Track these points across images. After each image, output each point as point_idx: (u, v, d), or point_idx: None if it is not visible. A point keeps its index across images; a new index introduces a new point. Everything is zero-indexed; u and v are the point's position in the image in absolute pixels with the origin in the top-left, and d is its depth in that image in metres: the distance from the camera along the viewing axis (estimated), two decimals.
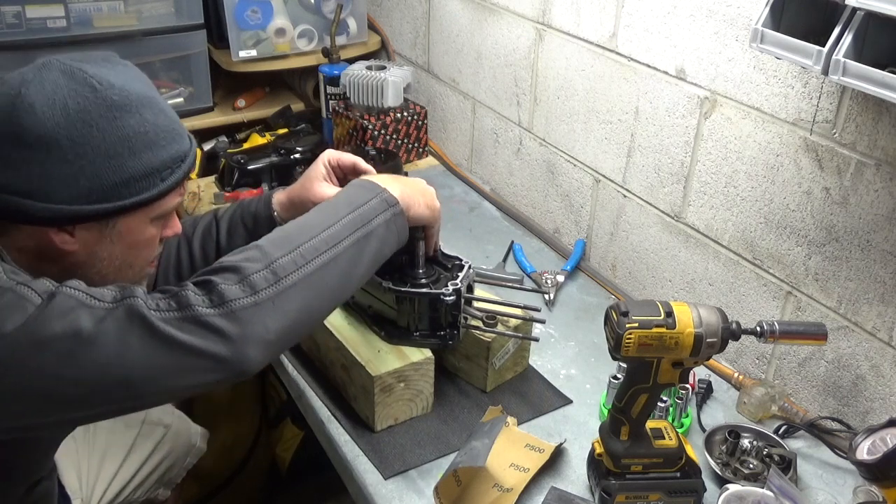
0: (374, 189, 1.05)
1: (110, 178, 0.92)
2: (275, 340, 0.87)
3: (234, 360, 0.83)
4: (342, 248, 0.96)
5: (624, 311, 0.99)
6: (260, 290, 0.86)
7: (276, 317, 0.87)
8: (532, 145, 1.81)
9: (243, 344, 0.84)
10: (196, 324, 0.82)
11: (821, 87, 1.15)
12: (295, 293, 0.89)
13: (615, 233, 1.62)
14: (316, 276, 0.92)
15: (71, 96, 0.90)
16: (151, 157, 0.95)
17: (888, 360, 1.16)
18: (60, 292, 0.82)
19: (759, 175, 1.28)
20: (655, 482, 1.07)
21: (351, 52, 2.25)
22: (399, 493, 1.12)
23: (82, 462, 1.46)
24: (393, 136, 2.06)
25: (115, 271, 1.01)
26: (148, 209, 0.98)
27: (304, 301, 0.90)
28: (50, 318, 0.80)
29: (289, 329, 0.89)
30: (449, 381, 1.33)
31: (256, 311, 0.85)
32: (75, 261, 0.97)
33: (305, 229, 0.95)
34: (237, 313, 0.84)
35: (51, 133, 0.89)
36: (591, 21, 1.54)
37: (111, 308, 0.82)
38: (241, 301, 0.84)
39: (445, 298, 1.19)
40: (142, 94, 0.95)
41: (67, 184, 0.90)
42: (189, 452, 1.65)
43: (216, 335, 0.82)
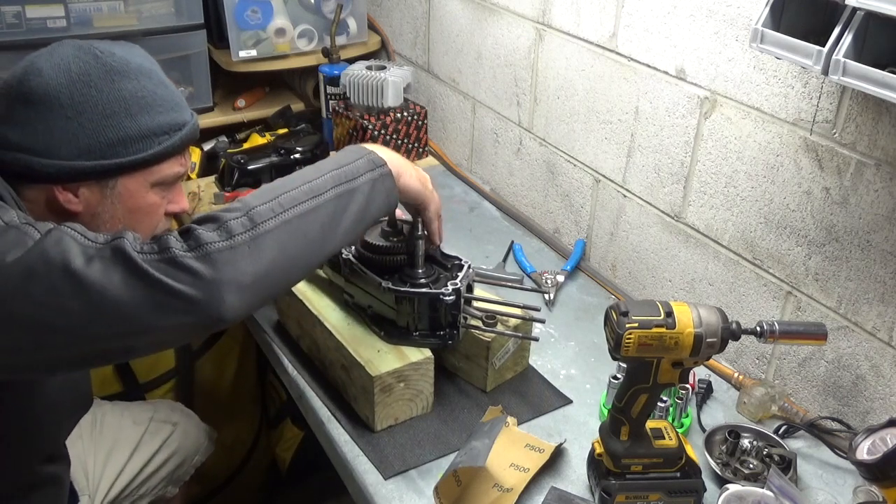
0: (361, 151, 1.05)
1: (108, 135, 1.00)
2: (250, 284, 0.87)
3: (208, 301, 0.84)
4: (323, 200, 0.96)
5: (624, 311, 0.99)
6: (236, 235, 0.87)
7: (251, 260, 0.87)
8: (532, 145, 1.81)
9: (217, 286, 0.84)
10: (172, 264, 0.83)
11: (821, 87, 1.15)
12: (271, 238, 0.89)
13: (615, 233, 1.62)
14: (294, 223, 0.92)
15: (74, 62, 0.99)
16: (148, 120, 1.02)
17: (888, 360, 1.16)
18: (57, 229, 0.86)
19: (759, 175, 1.28)
20: (655, 482, 1.07)
21: (351, 52, 2.25)
22: (399, 493, 1.12)
23: (88, 457, 1.47)
24: (393, 136, 2.06)
25: None
26: (146, 172, 1.04)
27: (281, 247, 0.91)
28: (43, 250, 0.83)
29: (264, 274, 0.89)
30: (449, 381, 1.33)
31: (231, 253, 0.86)
32: (80, 221, 1.00)
33: (288, 182, 0.96)
34: (212, 255, 0.84)
35: (53, 92, 0.98)
36: (591, 21, 1.54)
37: (100, 247, 0.84)
38: (217, 244, 0.85)
39: (445, 298, 1.19)
40: (142, 66, 1.04)
41: (68, 140, 0.98)
42: (197, 451, 1.66)
43: (190, 275, 0.83)
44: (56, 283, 0.81)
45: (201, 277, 0.84)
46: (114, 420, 1.55)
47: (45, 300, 0.82)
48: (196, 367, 1.94)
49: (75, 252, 0.83)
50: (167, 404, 1.68)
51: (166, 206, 1.11)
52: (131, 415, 1.58)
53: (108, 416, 1.55)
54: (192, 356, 1.92)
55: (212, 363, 1.97)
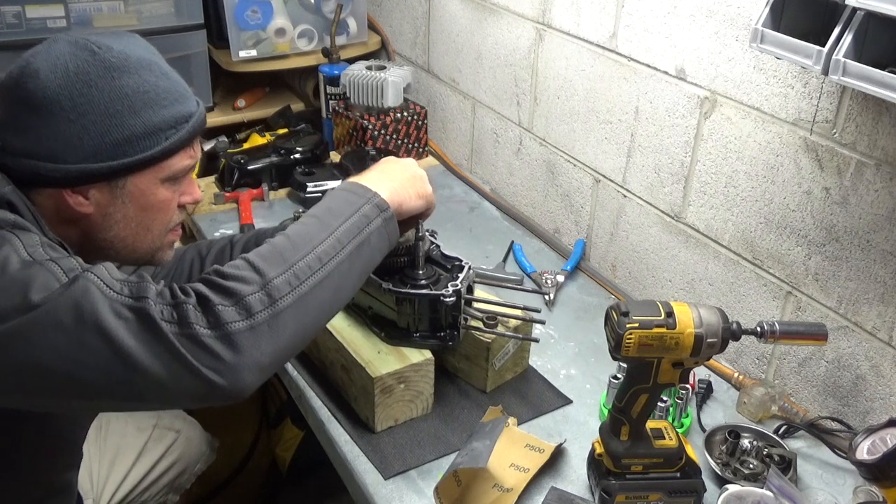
0: (364, 194, 1.03)
1: (113, 135, 0.96)
2: (269, 364, 0.86)
3: (228, 384, 0.83)
4: (336, 263, 0.94)
5: (624, 312, 0.99)
6: (256, 314, 0.85)
7: (271, 340, 0.86)
8: (532, 145, 1.81)
9: (238, 369, 0.83)
10: (194, 342, 0.82)
11: (821, 87, 1.15)
12: (289, 315, 0.88)
13: (615, 233, 1.62)
14: (310, 295, 0.91)
15: (71, 60, 0.95)
16: (153, 116, 0.98)
17: (888, 360, 1.16)
18: (83, 276, 0.84)
19: (759, 175, 1.28)
20: (655, 482, 1.07)
21: (351, 52, 2.25)
22: (399, 493, 1.12)
23: (93, 462, 1.47)
24: (393, 136, 2.06)
25: (133, 235, 1.04)
26: (155, 169, 1.01)
27: (299, 322, 0.89)
28: (73, 302, 0.82)
29: (283, 351, 0.88)
30: (449, 382, 1.33)
31: (252, 334, 0.84)
32: (92, 223, 1.01)
33: (299, 243, 0.93)
34: (233, 337, 0.83)
35: (53, 95, 0.94)
36: (591, 21, 1.54)
37: (126, 302, 0.83)
38: (238, 325, 0.84)
39: (445, 299, 1.19)
40: (142, 58, 0.99)
41: (73, 143, 0.95)
42: (199, 459, 1.66)
43: (211, 357, 0.82)
44: (84, 338, 0.80)
45: (223, 360, 0.82)
46: (118, 426, 1.55)
47: (69, 352, 0.81)
48: None
49: (103, 306, 0.82)
50: (170, 412, 1.68)
51: (178, 198, 1.08)
52: (135, 422, 1.58)
53: (112, 422, 1.55)
54: None
55: None
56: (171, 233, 1.10)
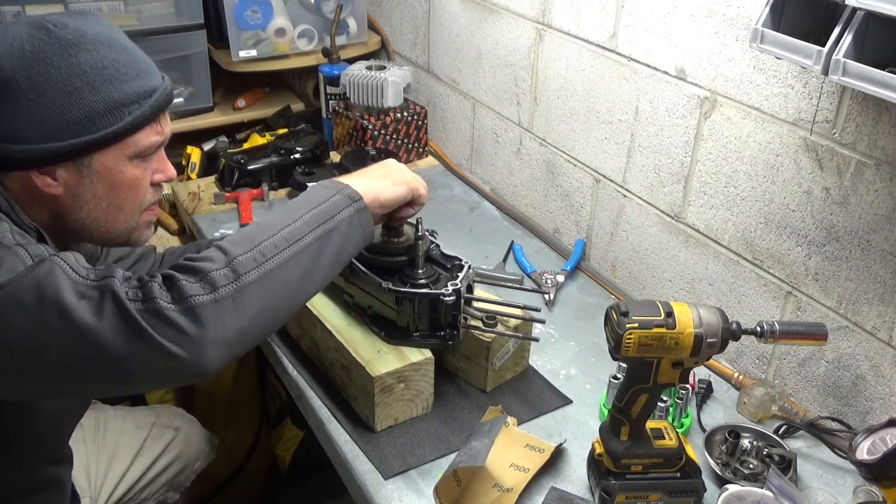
0: (335, 186, 1.04)
1: (74, 113, 0.95)
2: (235, 340, 0.86)
3: (192, 358, 0.83)
4: (303, 245, 0.95)
5: (624, 311, 0.99)
6: (219, 287, 0.85)
7: (236, 314, 0.86)
8: (532, 145, 1.81)
9: (202, 343, 0.83)
10: (157, 316, 0.82)
11: (821, 87, 1.15)
12: (254, 291, 0.88)
13: (615, 233, 1.62)
14: (276, 273, 0.91)
15: (27, 40, 0.94)
16: (113, 91, 0.97)
17: (888, 360, 1.16)
18: (49, 259, 0.85)
19: (759, 175, 1.28)
20: (655, 482, 1.07)
21: (351, 52, 2.25)
22: (399, 493, 1.12)
23: (91, 460, 1.47)
24: (393, 136, 2.06)
25: (104, 215, 1.04)
26: (121, 146, 1.00)
27: (265, 299, 0.90)
28: (34, 282, 0.82)
29: (249, 328, 0.88)
30: (449, 382, 1.33)
31: (216, 308, 0.84)
32: (62, 204, 1.01)
33: (266, 228, 0.94)
34: (196, 310, 0.83)
35: (10, 76, 0.93)
36: (591, 21, 1.54)
37: (91, 284, 0.83)
38: (201, 298, 0.84)
39: (445, 299, 1.19)
40: (100, 34, 0.99)
41: (34, 123, 0.95)
42: (199, 457, 1.66)
43: (175, 331, 0.82)
44: (45, 318, 0.81)
45: (186, 334, 0.82)
46: (116, 424, 1.55)
47: (32, 332, 0.81)
48: None
49: (66, 287, 0.82)
50: (170, 409, 1.68)
51: (151, 176, 1.07)
52: (134, 419, 1.58)
53: (111, 420, 1.55)
54: None
55: None
56: (146, 212, 1.09)
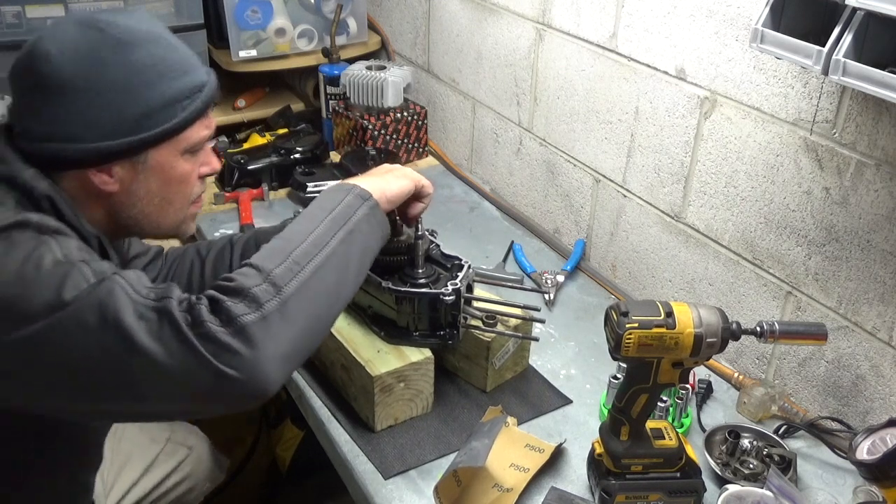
0: (344, 188, 1.05)
1: (130, 111, 0.98)
2: (289, 353, 0.86)
3: (251, 379, 0.82)
4: (331, 249, 0.95)
5: (624, 311, 0.99)
6: (264, 304, 0.85)
7: (285, 328, 0.86)
8: (532, 145, 1.81)
9: (258, 362, 0.82)
10: (211, 340, 0.81)
11: (821, 87, 1.15)
12: (298, 301, 0.88)
13: (615, 233, 1.62)
14: (314, 280, 0.91)
15: (80, 40, 0.96)
16: (167, 88, 1.00)
17: (888, 360, 1.16)
18: (110, 279, 0.85)
19: (759, 175, 1.28)
20: (655, 482, 1.07)
21: (351, 52, 2.25)
22: (399, 493, 1.12)
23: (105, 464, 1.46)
24: (393, 136, 2.06)
25: (156, 209, 1.07)
26: (174, 141, 1.03)
27: (309, 307, 0.90)
28: (96, 301, 0.83)
29: (300, 339, 0.88)
30: (449, 381, 1.33)
31: (264, 325, 0.84)
32: (117, 201, 1.03)
33: (290, 239, 0.95)
34: (246, 330, 0.83)
35: (67, 77, 0.95)
36: (591, 21, 1.54)
37: (150, 304, 0.83)
38: (248, 317, 0.83)
39: (445, 298, 1.19)
40: (149, 31, 1.01)
41: (92, 123, 0.97)
42: (209, 477, 1.65)
43: (230, 353, 0.81)
44: (106, 339, 0.81)
45: (241, 356, 0.81)
46: (132, 434, 1.55)
47: (93, 353, 0.81)
48: None
49: (126, 307, 0.82)
50: (185, 427, 1.67)
51: (199, 169, 1.10)
52: (150, 432, 1.58)
53: (128, 428, 1.55)
54: None
55: None
56: (193, 205, 1.12)
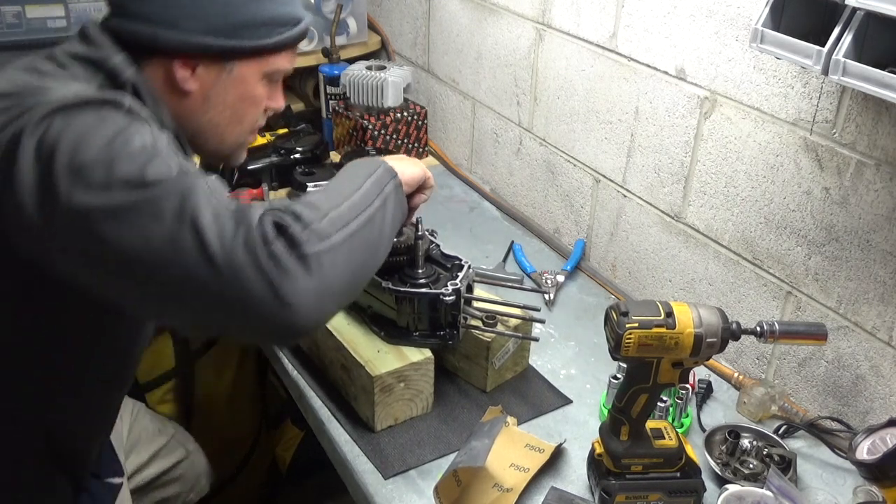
0: (374, 161, 1.06)
1: (234, 16, 1.00)
2: (338, 293, 0.87)
3: (301, 308, 0.82)
4: (374, 209, 0.96)
5: (624, 311, 0.99)
6: (324, 238, 0.86)
7: (339, 267, 0.87)
8: (532, 145, 1.81)
9: (312, 293, 0.83)
10: (275, 261, 0.81)
11: (821, 87, 1.15)
12: (350, 245, 0.89)
13: (615, 233, 1.62)
14: (364, 231, 0.92)
15: None
16: (272, 8, 1.03)
17: (888, 360, 1.16)
18: (196, 174, 0.86)
19: (759, 175, 1.28)
20: (655, 482, 1.07)
21: (351, 52, 2.25)
22: (399, 493, 1.12)
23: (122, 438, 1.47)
24: (393, 136, 2.06)
25: (225, 123, 1.08)
26: (262, 61, 1.06)
27: (356, 256, 0.90)
28: (176, 191, 0.82)
29: (347, 283, 0.89)
30: (449, 381, 1.33)
31: (325, 258, 0.85)
32: (190, 105, 1.04)
33: (340, 191, 0.95)
34: (309, 259, 0.83)
35: None
36: (591, 21, 1.54)
37: (229, 212, 0.83)
38: (312, 247, 0.84)
39: (445, 298, 1.19)
40: None
41: (194, 14, 0.99)
42: (195, 488, 1.65)
43: (291, 279, 0.81)
44: (179, 233, 0.80)
45: (300, 283, 0.82)
46: (145, 421, 1.56)
47: (162, 244, 0.80)
48: (196, 367, 1.94)
49: (206, 207, 0.82)
50: (185, 433, 1.68)
51: (266, 101, 1.12)
52: (159, 423, 1.60)
53: (141, 414, 1.56)
54: (191, 356, 1.92)
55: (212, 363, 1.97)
56: (251, 133, 1.14)
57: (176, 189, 0.82)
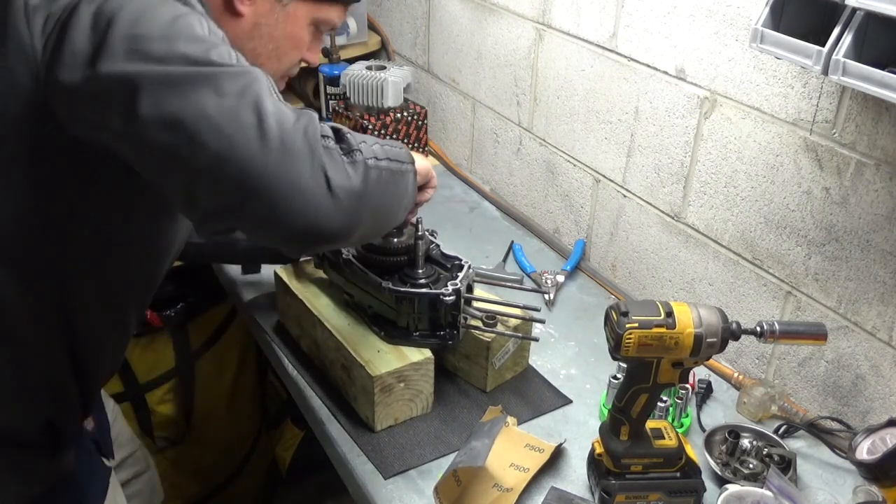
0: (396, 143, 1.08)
1: None
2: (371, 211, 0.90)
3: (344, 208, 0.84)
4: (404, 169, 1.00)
5: (624, 311, 0.99)
6: (373, 158, 0.91)
7: (380, 188, 0.91)
8: (532, 145, 1.81)
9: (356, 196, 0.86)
10: (331, 156, 0.84)
11: (821, 87, 1.15)
12: (386, 178, 0.93)
13: (615, 233, 1.62)
14: (396, 177, 0.96)
15: None
16: None
17: (888, 360, 1.16)
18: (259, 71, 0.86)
19: (759, 175, 1.28)
20: (655, 482, 1.07)
21: (351, 52, 2.25)
22: (399, 493, 1.12)
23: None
24: (393, 136, 2.06)
25: (265, 56, 1.09)
26: (317, 6, 1.08)
27: (388, 195, 0.95)
28: (241, 75, 0.83)
29: (378, 209, 0.93)
30: (449, 381, 1.33)
31: (372, 172, 0.89)
32: (238, 29, 1.04)
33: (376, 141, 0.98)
34: (359, 166, 0.87)
35: None
36: (591, 21, 1.54)
37: (290, 108, 0.85)
38: (362, 156, 0.88)
39: (445, 298, 1.19)
40: None
41: None
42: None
43: (341, 174, 0.84)
44: (240, 108, 0.80)
45: (348, 181, 0.85)
46: (122, 424, 1.54)
47: (219, 116, 0.80)
48: (196, 367, 1.94)
49: (268, 96, 0.83)
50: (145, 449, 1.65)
51: (306, 51, 1.14)
52: (130, 433, 1.58)
53: (120, 418, 1.54)
54: (191, 356, 1.92)
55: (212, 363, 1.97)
56: (282, 78, 1.15)
57: (240, 72, 0.83)
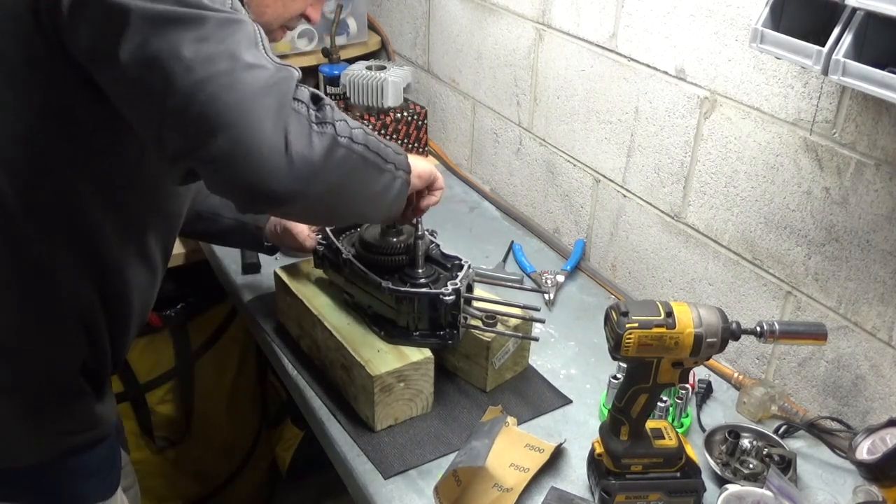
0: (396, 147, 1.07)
1: None
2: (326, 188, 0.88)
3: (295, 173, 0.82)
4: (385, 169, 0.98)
5: (624, 311, 0.99)
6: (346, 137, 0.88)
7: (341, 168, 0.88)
8: (532, 145, 1.81)
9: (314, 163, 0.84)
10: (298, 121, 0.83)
11: (821, 87, 1.15)
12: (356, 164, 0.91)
13: (615, 233, 1.62)
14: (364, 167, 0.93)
15: None
16: None
17: (888, 360, 1.16)
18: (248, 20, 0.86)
19: (759, 175, 1.28)
20: (655, 482, 1.07)
21: (351, 52, 2.25)
22: (399, 493, 1.12)
23: None
24: (393, 136, 2.06)
25: (271, 4, 1.11)
26: None
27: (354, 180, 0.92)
28: (225, 21, 0.82)
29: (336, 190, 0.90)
30: (449, 381, 1.33)
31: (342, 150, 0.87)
32: None
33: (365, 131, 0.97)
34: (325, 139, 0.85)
35: None
36: (590, 21, 1.54)
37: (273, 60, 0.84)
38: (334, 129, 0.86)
39: (445, 298, 1.19)
40: None
41: None
42: None
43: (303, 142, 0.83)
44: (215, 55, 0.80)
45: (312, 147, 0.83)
46: None
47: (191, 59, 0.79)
48: (196, 367, 1.94)
49: (248, 47, 0.82)
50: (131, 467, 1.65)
51: (309, 7, 1.14)
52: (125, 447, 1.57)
53: None
54: (192, 356, 1.93)
55: (212, 363, 1.97)
56: (282, 29, 1.16)
57: (226, 21, 0.82)
